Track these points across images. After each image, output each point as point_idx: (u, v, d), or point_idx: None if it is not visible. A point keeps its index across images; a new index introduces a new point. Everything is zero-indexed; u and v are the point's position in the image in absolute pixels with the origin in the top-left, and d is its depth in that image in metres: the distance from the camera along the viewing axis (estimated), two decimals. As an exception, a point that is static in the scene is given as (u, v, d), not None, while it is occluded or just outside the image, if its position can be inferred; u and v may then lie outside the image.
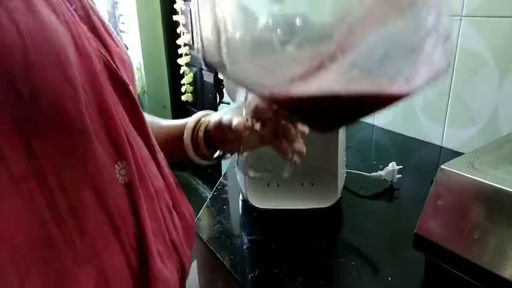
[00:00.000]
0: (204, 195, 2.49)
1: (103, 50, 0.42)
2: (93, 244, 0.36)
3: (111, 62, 0.42)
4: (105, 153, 0.38)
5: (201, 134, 0.56)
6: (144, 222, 0.40)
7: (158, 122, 0.62)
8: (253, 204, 0.71)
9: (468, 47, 0.91)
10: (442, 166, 0.51)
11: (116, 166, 0.39)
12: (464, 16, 0.90)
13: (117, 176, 0.39)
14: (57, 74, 0.33)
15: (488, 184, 0.46)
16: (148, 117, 0.58)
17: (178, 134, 0.58)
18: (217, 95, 0.81)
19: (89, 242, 0.36)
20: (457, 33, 0.92)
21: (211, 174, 2.49)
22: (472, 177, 0.48)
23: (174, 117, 2.86)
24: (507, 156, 0.54)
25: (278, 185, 0.76)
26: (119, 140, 0.39)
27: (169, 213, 0.47)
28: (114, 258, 0.37)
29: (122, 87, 0.42)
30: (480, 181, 0.47)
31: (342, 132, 0.70)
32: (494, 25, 0.85)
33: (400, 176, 0.81)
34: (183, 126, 0.57)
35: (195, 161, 0.58)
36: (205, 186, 2.59)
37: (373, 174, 0.81)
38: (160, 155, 0.48)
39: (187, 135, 0.56)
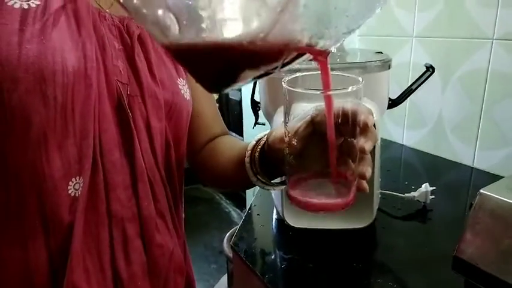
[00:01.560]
0: (226, 210, 2.52)
1: (125, 81, 0.50)
2: (23, 231, 0.45)
3: (125, 94, 0.50)
4: (62, 166, 0.45)
5: (256, 154, 0.51)
6: (76, 234, 0.45)
7: (237, 145, 0.61)
8: (289, 223, 0.73)
9: (500, 69, 0.92)
10: (481, 190, 0.53)
11: (72, 180, 0.45)
12: (495, 39, 0.91)
13: (69, 188, 0.45)
14: (36, 90, 0.41)
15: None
16: (231, 142, 0.63)
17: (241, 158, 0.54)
18: (254, 116, 0.85)
19: (21, 229, 0.45)
20: (489, 56, 0.93)
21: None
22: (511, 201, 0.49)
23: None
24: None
25: (313, 204, 0.77)
26: (83, 159, 0.46)
27: (123, 244, 0.50)
28: (39, 250, 0.45)
29: (124, 114, 0.50)
30: (521, 206, 0.48)
31: (377, 153, 0.72)
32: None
33: (433, 197, 0.82)
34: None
35: (259, 186, 0.52)
36: (228, 202, 2.62)
37: (406, 195, 0.82)
38: (146, 187, 0.52)
39: (247, 157, 0.52)
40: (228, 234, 1.09)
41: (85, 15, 0.47)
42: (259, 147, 0.51)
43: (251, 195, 2.11)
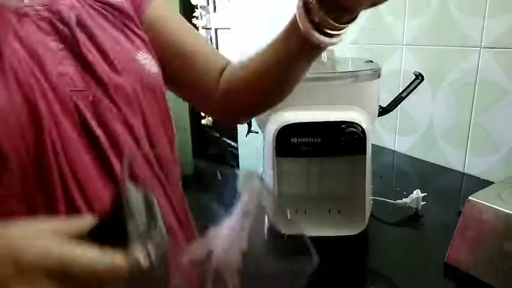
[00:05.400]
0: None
1: (81, 86, 0.41)
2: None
3: (88, 103, 0.41)
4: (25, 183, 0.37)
5: None
6: None
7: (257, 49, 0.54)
8: (281, 230, 0.73)
9: (487, 77, 0.93)
10: (470, 198, 0.54)
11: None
12: (483, 47, 0.93)
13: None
14: None
15: (517, 216, 0.48)
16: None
17: (289, 24, 0.46)
18: (247, 124, 0.85)
19: None
20: (477, 64, 0.95)
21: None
22: (500, 209, 0.50)
23: (193, 140, 2.92)
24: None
25: (306, 211, 0.78)
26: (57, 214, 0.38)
27: None
28: None
29: (84, 127, 0.41)
30: (509, 213, 0.49)
31: (369, 159, 0.73)
32: (514, 56, 0.88)
33: (424, 203, 0.82)
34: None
35: (315, 40, 0.43)
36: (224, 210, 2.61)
37: (398, 201, 0.83)
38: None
39: (298, 2, 0.43)
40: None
41: None
42: None
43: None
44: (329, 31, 0.42)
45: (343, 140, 0.67)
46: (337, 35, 0.43)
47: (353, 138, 0.67)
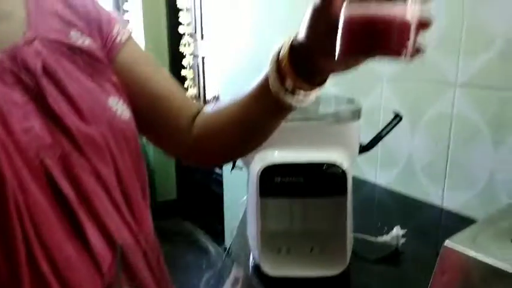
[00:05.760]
0: (205, 245, 2.48)
1: (48, 141, 0.40)
2: None
3: (55, 160, 0.40)
4: None
5: (284, 52, 0.43)
6: None
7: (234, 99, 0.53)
8: (266, 271, 0.73)
9: (462, 114, 0.97)
10: (446, 243, 0.55)
11: None
12: (458, 86, 0.97)
13: None
14: None
15: (488, 264, 0.50)
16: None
17: (261, 83, 0.47)
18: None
19: None
20: (452, 102, 0.99)
21: (213, 223, 2.50)
22: (472, 256, 0.51)
23: (177, 165, 2.90)
24: (507, 232, 0.58)
25: (289, 251, 0.79)
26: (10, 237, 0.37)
27: None
28: None
29: (52, 187, 0.40)
30: (480, 261, 0.51)
31: (349, 199, 0.74)
32: (487, 96, 0.92)
33: (404, 239, 0.84)
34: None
35: (286, 102, 0.45)
36: (207, 237, 2.59)
37: (378, 238, 0.85)
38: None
39: (271, 66, 0.44)
40: (204, 279, 1.09)
41: None
42: (285, 50, 0.44)
43: (229, 229, 2.10)
44: (300, 93, 0.45)
45: (325, 181, 0.69)
46: (308, 96, 0.45)
47: (334, 180, 0.69)
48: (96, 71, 0.49)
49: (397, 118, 0.85)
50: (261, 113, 0.50)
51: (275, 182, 0.70)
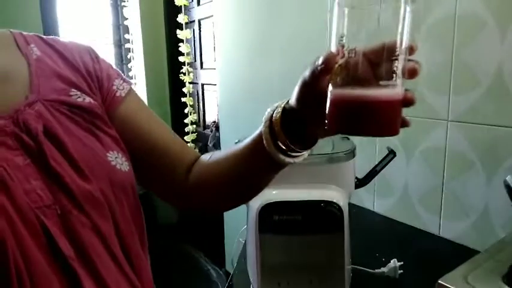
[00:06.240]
0: (205, 268, 2.49)
1: (48, 201, 0.42)
2: None
3: (55, 219, 0.41)
4: None
5: (277, 116, 0.45)
6: None
7: (230, 148, 0.55)
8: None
9: (455, 148, 1.00)
10: (439, 281, 0.58)
11: None
12: (450, 121, 1.00)
13: None
14: None
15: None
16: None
17: (255, 138, 0.49)
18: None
19: None
20: (445, 136, 1.02)
21: (214, 246, 2.50)
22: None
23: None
24: (497, 271, 0.60)
25: (288, 284, 0.81)
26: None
27: None
28: None
29: (51, 247, 0.41)
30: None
31: (346, 235, 0.77)
32: (478, 131, 0.96)
33: (401, 271, 0.86)
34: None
35: (280, 160, 0.47)
36: (207, 260, 2.59)
37: (376, 270, 0.87)
38: None
39: (264, 127, 0.47)
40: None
41: None
42: (278, 114, 0.46)
43: (229, 253, 2.10)
44: (293, 153, 0.47)
45: (322, 218, 0.72)
46: (301, 155, 0.48)
47: (331, 217, 0.71)
48: (95, 126, 0.51)
49: (391, 154, 0.88)
50: (256, 167, 0.51)
51: (274, 220, 0.73)
